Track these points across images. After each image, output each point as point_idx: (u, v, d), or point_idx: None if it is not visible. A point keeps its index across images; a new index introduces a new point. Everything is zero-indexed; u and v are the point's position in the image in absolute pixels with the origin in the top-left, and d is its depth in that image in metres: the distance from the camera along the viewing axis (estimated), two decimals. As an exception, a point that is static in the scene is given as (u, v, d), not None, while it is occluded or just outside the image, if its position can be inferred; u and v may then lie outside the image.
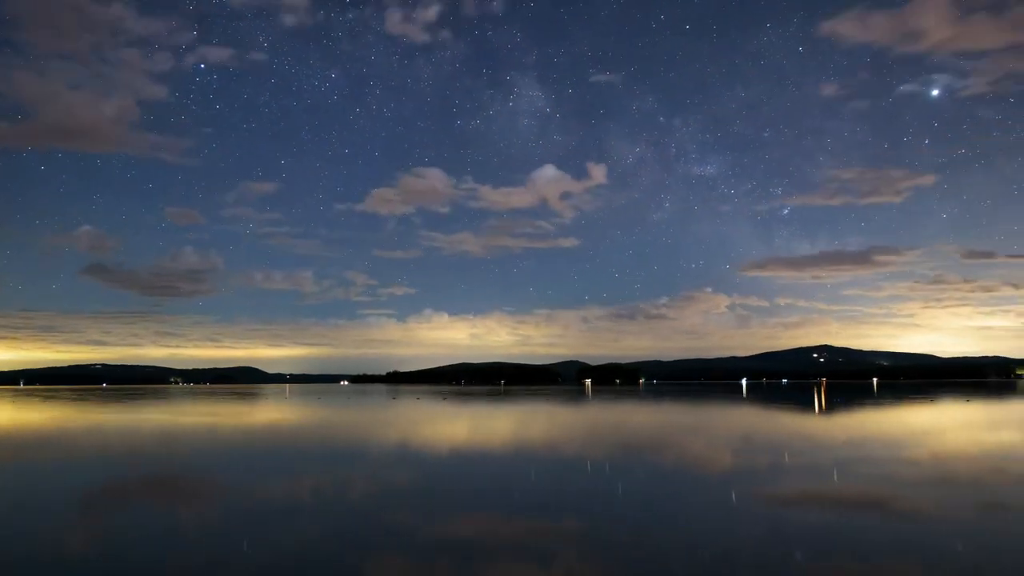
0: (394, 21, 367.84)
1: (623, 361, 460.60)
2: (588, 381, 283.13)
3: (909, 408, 40.78)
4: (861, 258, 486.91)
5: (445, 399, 65.03)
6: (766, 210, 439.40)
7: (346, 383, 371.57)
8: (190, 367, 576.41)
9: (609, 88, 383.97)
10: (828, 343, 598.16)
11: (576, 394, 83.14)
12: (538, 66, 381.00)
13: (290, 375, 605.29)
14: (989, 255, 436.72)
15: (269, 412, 41.18)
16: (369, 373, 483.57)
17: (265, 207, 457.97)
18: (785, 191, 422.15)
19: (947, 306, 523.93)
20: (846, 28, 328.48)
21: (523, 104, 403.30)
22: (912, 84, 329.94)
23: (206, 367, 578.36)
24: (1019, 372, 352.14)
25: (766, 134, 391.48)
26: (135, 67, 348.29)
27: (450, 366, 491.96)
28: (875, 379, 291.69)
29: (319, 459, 16.91)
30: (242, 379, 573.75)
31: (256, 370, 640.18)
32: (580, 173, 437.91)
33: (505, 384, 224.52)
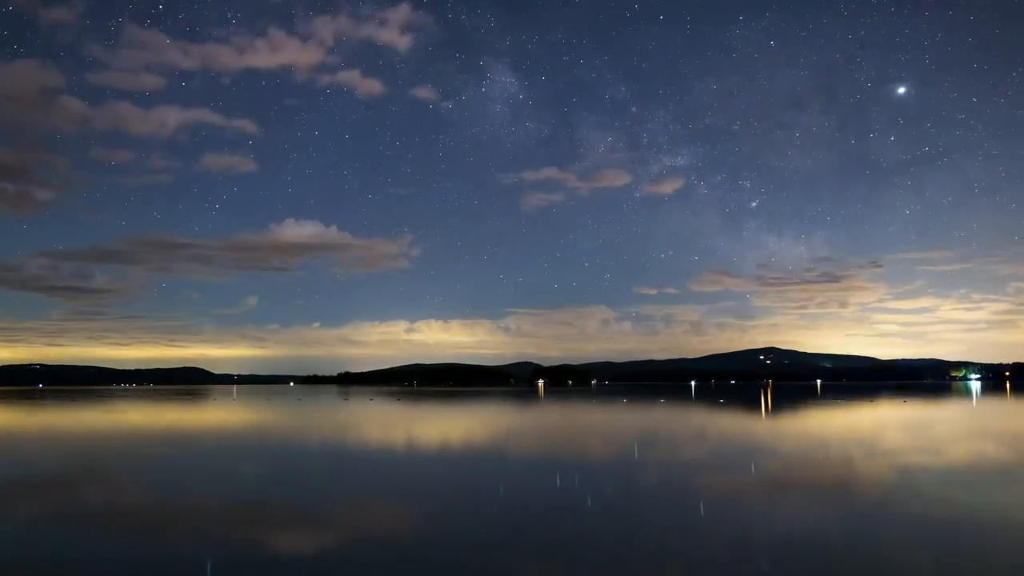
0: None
1: (576, 362, 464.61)
2: (540, 382, 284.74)
3: (837, 409, 42.53)
4: (814, 260, 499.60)
5: (399, 400, 65.09)
6: (735, 203, 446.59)
7: (292, 384, 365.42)
8: (132, 368, 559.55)
9: (582, 76, 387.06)
10: (775, 345, 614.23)
11: (524, 395, 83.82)
12: (511, 52, 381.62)
13: (238, 376, 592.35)
14: (945, 254, 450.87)
15: (211, 413, 40.59)
16: (320, 374, 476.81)
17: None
18: (754, 184, 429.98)
19: (889, 308, 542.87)
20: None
21: (496, 90, 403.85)
22: (880, 81, 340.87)
23: (149, 368, 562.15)
24: (954, 374, 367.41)
25: (736, 127, 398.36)
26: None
27: (403, 367, 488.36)
28: (819, 380, 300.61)
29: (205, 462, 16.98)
30: (187, 380, 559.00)
31: (202, 371, 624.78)
32: (552, 161, 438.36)
33: (456, 385, 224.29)
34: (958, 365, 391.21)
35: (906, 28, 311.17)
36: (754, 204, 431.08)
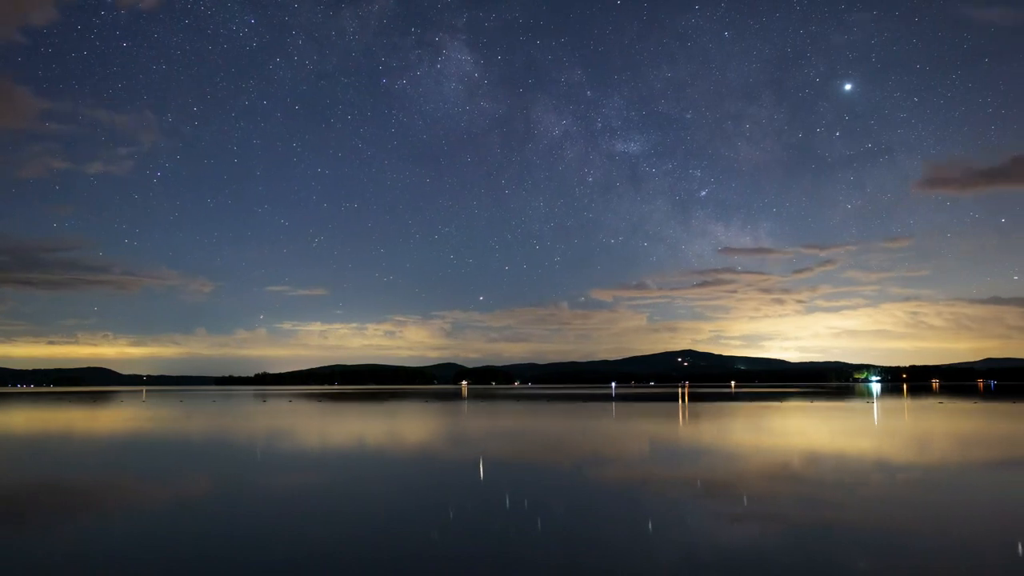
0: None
1: (499, 364, 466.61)
2: (464, 383, 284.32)
3: (747, 411, 44.41)
4: (736, 265, 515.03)
5: (320, 401, 63.93)
6: (684, 191, 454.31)
7: (213, 387, 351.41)
8: (30, 367, 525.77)
9: (538, 58, 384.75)
10: (692, 348, 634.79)
11: (447, 396, 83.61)
12: (468, 29, 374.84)
13: (147, 376, 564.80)
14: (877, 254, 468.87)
15: (117, 415, 38.66)
16: (236, 375, 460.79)
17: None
18: (704, 173, 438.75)
19: (803, 311, 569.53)
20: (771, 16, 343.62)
21: (451, 67, 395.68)
22: (828, 77, 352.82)
23: (49, 367, 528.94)
24: (856, 376, 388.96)
25: (689, 115, 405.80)
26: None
27: (323, 368, 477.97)
28: (732, 382, 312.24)
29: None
30: (91, 381, 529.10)
31: (108, 371, 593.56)
32: (506, 142, 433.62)
33: (379, 386, 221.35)
34: (860, 368, 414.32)
35: (855, 27, 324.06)
36: (703, 193, 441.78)
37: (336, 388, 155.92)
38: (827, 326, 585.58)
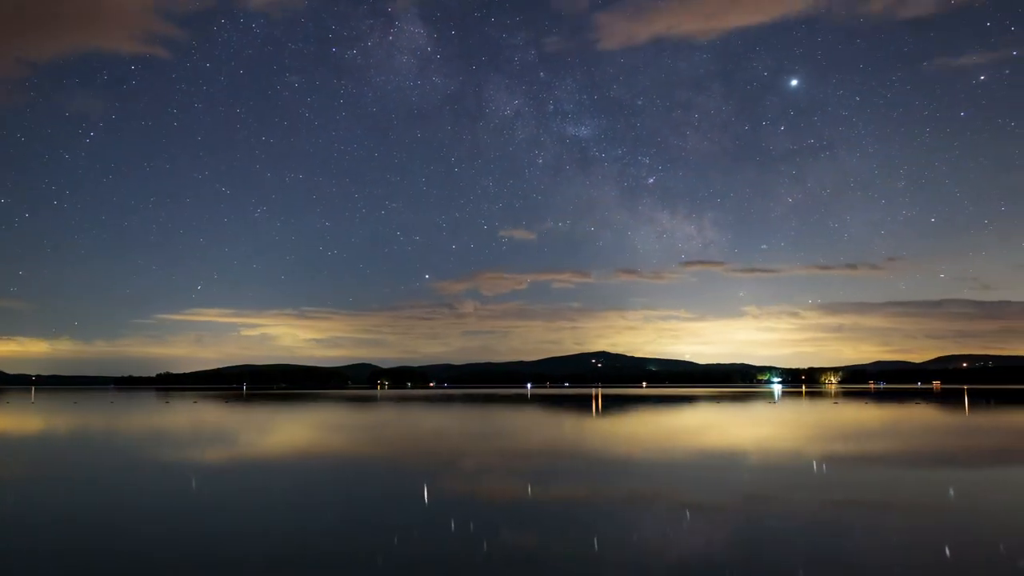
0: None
1: (415, 364, 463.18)
2: (379, 384, 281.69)
3: (656, 412, 47.14)
4: (656, 264, 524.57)
5: (227, 403, 62.84)
6: (632, 177, 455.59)
7: (113, 387, 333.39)
8: None
9: (493, 36, 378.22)
10: (605, 349, 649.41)
11: (361, 398, 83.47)
12: (423, 2, 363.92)
13: (36, 376, 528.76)
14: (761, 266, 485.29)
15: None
16: (136, 375, 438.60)
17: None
18: (652, 161, 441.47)
19: (709, 318, 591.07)
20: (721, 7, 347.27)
21: (404, 40, 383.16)
22: (775, 71, 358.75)
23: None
24: (759, 378, 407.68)
25: (640, 102, 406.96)
26: None
27: (232, 368, 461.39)
28: (644, 383, 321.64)
29: None
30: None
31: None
32: (457, 119, 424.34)
33: (291, 387, 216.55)
34: (762, 370, 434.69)
35: (803, 23, 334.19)
36: (651, 180, 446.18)
37: (245, 391, 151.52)
38: (736, 327, 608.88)
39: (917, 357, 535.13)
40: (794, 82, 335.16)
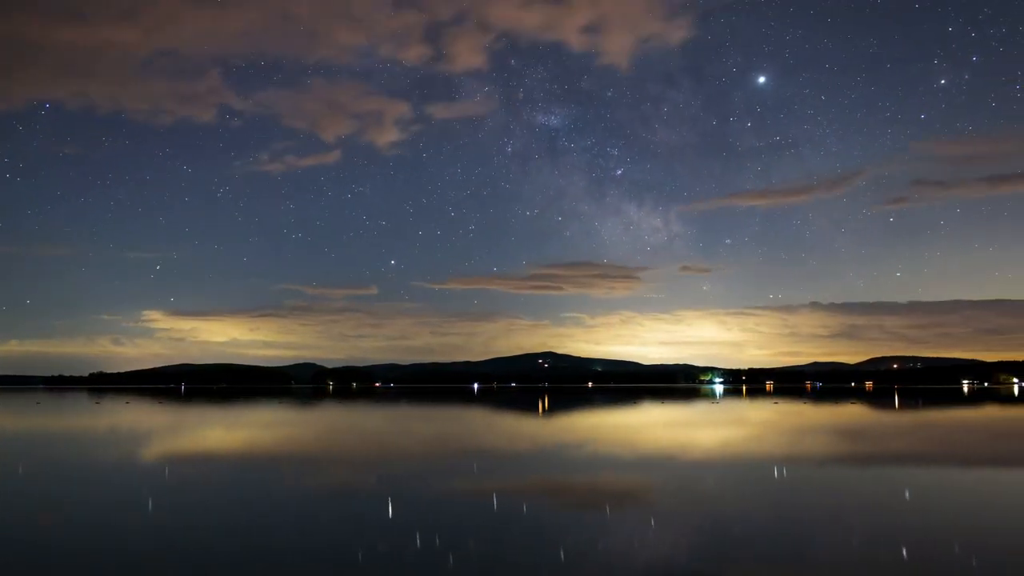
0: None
1: (360, 364, 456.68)
2: (325, 384, 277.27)
3: (609, 411, 47.37)
4: (594, 265, 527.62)
5: (161, 403, 60.76)
6: (601, 168, 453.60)
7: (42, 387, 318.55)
8: None
9: (464, 18, 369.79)
10: (552, 349, 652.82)
11: (305, 398, 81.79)
12: None
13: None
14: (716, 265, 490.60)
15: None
16: (67, 374, 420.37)
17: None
18: (621, 153, 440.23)
19: (654, 316, 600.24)
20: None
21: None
22: (744, 68, 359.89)
23: None
24: (702, 378, 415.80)
25: (610, 93, 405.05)
26: None
27: (169, 367, 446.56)
28: (590, 383, 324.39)
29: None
30: None
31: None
32: (424, 103, 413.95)
33: (227, 387, 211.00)
34: (705, 370, 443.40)
35: (773, 20, 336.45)
36: (619, 172, 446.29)
37: (183, 391, 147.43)
38: (688, 326, 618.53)
39: (851, 359, 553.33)
40: (762, 79, 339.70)
